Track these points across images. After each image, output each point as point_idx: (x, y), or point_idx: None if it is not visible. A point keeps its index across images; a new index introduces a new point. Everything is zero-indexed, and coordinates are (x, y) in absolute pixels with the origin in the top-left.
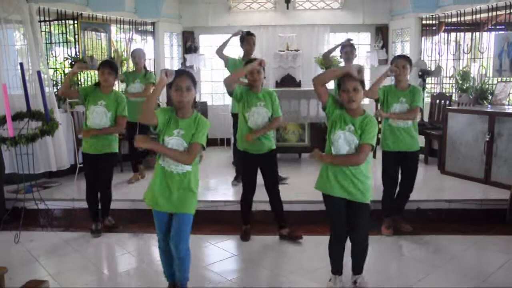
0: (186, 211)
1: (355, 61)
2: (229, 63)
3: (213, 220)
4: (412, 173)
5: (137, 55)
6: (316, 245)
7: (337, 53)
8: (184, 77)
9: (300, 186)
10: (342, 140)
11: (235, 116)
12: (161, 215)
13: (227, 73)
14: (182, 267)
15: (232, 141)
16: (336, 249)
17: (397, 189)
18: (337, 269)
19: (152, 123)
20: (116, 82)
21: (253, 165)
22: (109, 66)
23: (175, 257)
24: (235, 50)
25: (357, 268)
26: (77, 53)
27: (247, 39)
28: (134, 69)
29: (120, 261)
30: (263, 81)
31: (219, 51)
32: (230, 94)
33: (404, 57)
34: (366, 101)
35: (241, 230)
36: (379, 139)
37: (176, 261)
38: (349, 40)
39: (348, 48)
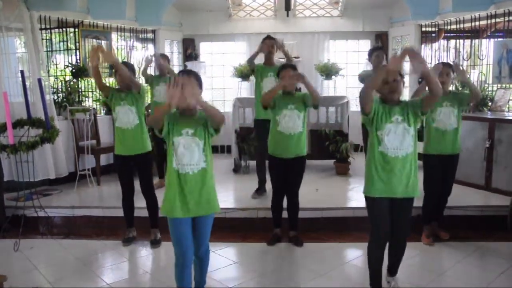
0: (213, 211)
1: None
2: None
3: (213, 228)
4: (452, 176)
5: (158, 57)
6: (317, 253)
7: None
8: (188, 76)
9: (301, 193)
10: (393, 134)
11: (259, 122)
12: (184, 223)
13: (227, 80)
14: (204, 266)
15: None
16: (379, 255)
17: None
18: (378, 282)
19: (158, 127)
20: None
21: (280, 169)
22: (124, 65)
23: (199, 257)
24: (235, 57)
25: (394, 269)
26: (78, 61)
27: (265, 42)
28: (158, 73)
29: (120, 269)
30: (297, 84)
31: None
32: (266, 108)
33: (448, 65)
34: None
35: (271, 234)
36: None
37: (198, 261)
38: (378, 46)
39: (379, 52)
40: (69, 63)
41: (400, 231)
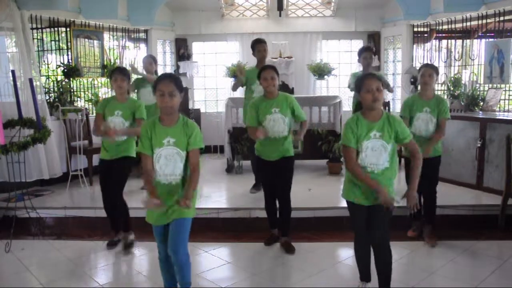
0: (184, 216)
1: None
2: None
3: (206, 228)
4: (433, 177)
5: (147, 61)
6: (310, 252)
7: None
8: (167, 81)
9: (293, 193)
10: (370, 150)
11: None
12: (159, 227)
13: (220, 80)
14: (182, 272)
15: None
16: (362, 253)
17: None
18: (366, 275)
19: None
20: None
21: (267, 171)
22: (121, 72)
23: (174, 263)
24: (227, 57)
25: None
26: (70, 61)
27: (257, 47)
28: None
29: (113, 270)
30: (277, 86)
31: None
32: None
33: (431, 66)
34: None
35: (268, 234)
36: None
37: (176, 267)
38: (368, 46)
39: (367, 54)
40: (61, 63)
41: (378, 231)
